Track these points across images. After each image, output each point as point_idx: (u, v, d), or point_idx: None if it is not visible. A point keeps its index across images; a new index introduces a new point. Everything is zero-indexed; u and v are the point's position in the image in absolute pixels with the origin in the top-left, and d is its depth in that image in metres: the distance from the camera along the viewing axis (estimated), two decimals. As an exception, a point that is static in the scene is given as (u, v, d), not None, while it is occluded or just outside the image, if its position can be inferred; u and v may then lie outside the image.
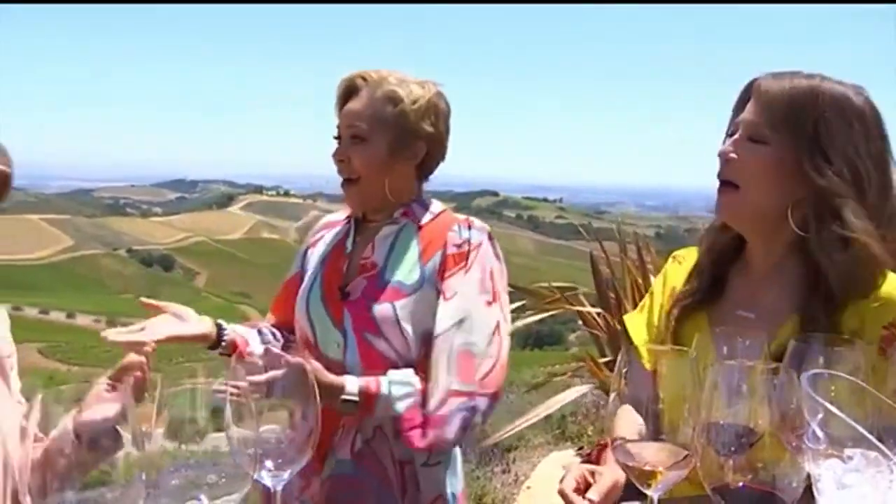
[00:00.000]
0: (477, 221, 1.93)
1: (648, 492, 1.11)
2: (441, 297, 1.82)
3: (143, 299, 1.75)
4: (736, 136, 1.51)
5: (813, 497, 0.97)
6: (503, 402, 1.99)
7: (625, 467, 1.11)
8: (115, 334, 1.65)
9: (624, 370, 1.13)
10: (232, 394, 1.08)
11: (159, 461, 1.01)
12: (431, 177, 2.04)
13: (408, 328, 1.82)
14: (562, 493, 1.34)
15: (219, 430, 1.05)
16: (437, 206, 1.98)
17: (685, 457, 1.07)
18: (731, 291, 1.59)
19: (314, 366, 1.64)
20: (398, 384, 1.77)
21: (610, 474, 1.35)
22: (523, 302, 3.97)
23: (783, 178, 1.46)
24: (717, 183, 1.55)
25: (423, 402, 1.78)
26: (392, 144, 1.87)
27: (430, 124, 1.90)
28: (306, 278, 1.99)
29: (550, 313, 3.91)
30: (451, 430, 1.76)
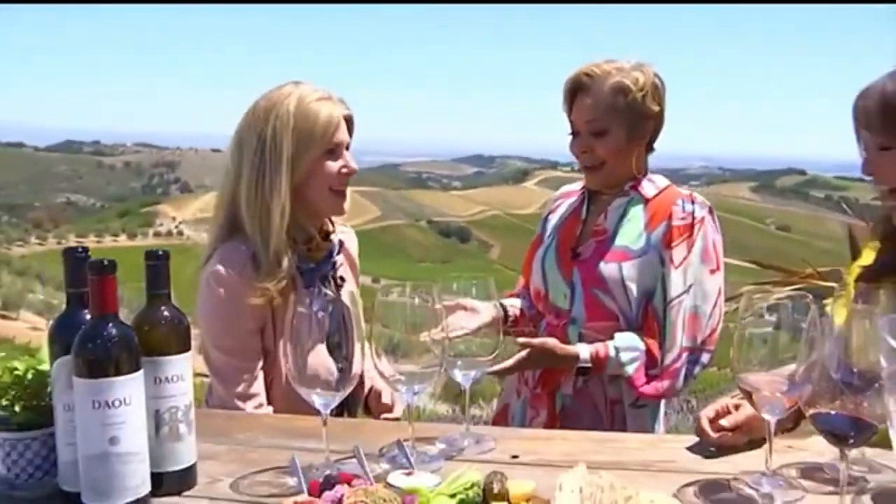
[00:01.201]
0: (699, 196, 2.17)
1: (766, 416, 1.35)
2: (669, 265, 2.09)
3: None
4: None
5: None
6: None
7: (741, 390, 1.36)
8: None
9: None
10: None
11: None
12: (735, 154, 2.32)
13: (632, 287, 2.11)
14: (697, 418, 1.59)
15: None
16: (661, 180, 2.23)
17: (790, 386, 1.29)
18: None
19: (552, 343, 2.02)
20: (625, 350, 2.07)
21: (747, 409, 1.55)
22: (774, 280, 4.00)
23: None
24: None
25: (647, 360, 2.09)
26: (629, 130, 2.14)
27: (655, 104, 2.16)
28: (545, 239, 2.34)
29: (794, 287, 3.90)
30: (680, 381, 2.09)
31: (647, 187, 2.21)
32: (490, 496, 1.21)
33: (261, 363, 1.98)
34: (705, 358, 2.12)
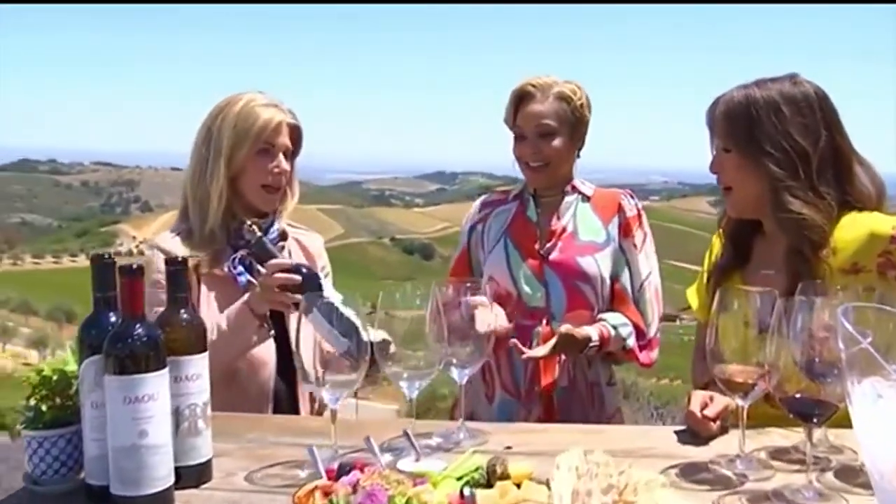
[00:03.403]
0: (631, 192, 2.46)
1: (738, 401, 1.49)
2: (633, 251, 2.37)
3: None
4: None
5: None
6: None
7: (720, 380, 1.49)
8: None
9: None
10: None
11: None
12: (694, 168, 2.60)
13: (606, 275, 2.34)
14: (690, 412, 1.72)
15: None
16: (588, 182, 2.49)
17: (762, 374, 1.42)
18: (756, 256, 1.99)
19: (572, 330, 2.20)
20: (622, 326, 2.31)
21: (722, 399, 1.71)
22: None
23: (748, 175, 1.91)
24: None
25: (637, 333, 2.34)
26: (570, 134, 2.38)
27: (589, 113, 2.41)
28: (496, 247, 2.46)
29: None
30: (658, 349, 2.39)
31: (583, 188, 2.46)
32: (493, 478, 1.32)
33: None
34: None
